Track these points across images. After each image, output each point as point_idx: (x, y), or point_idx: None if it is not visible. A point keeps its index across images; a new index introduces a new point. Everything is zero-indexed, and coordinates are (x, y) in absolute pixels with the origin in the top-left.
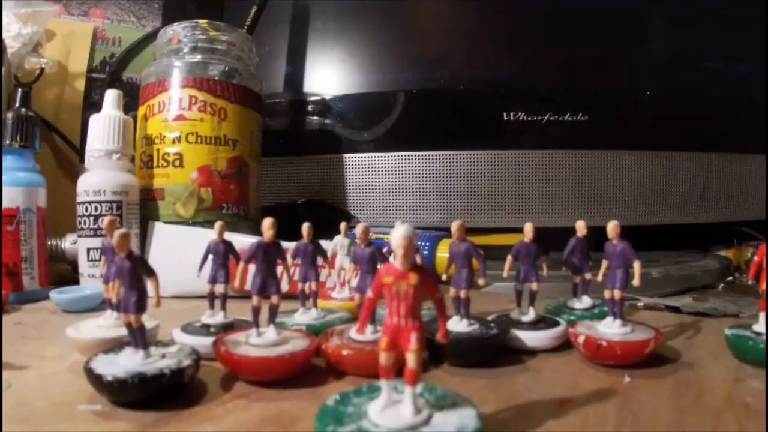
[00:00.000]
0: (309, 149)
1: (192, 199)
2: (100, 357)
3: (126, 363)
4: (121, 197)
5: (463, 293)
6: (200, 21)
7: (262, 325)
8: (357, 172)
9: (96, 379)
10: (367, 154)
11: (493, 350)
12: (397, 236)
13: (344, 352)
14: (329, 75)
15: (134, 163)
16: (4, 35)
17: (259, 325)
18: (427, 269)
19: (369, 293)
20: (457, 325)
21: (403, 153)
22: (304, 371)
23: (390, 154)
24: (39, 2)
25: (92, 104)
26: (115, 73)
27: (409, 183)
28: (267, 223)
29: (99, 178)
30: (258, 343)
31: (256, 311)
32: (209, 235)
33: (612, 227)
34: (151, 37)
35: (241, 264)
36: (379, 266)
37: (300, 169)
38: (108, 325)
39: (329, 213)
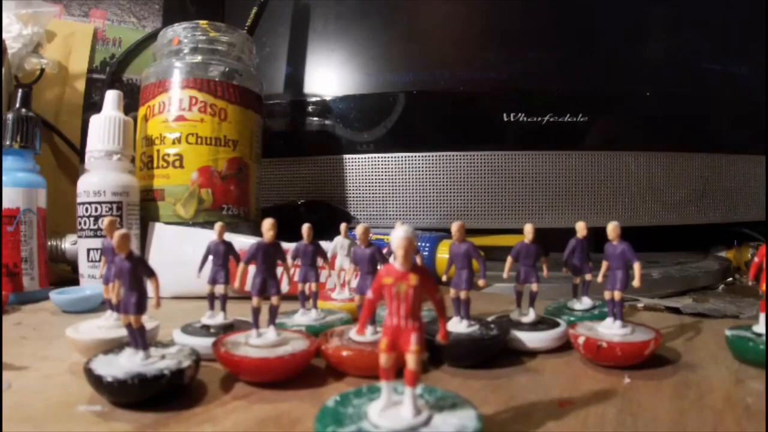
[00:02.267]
0: (309, 150)
1: (192, 199)
2: (100, 358)
3: (126, 364)
4: (121, 198)
5: (463, 294)
6: (201, 22)
7: (262, 326)
8: (357, 173)
9: (96, 380)
10: (367, 155)
11: (493, 351)
12: (397, 237)
13: (344, 353)
14: (329, 76)
15: (134, 163)
16: (5, 36)
17: (259, 326)
18: (427, 270)
19: (369, 294)
20: (457, 326)
21: (403, 154)
22: (304, 372)
23: (390, 155)
24: (39, 3)
25: (92, 105)
26: (116, 74)
27: (409, 184)
28: (267, 223)
29: (99, 178)
30: (258, 344)
31: (256, 312)
32: (209, 235)
33: (612, 228)
34: (151, 37)
35: (241, 265)
36: (379, 267)
37: (300, 169)
38: (108, 325)
39: (329, 214)
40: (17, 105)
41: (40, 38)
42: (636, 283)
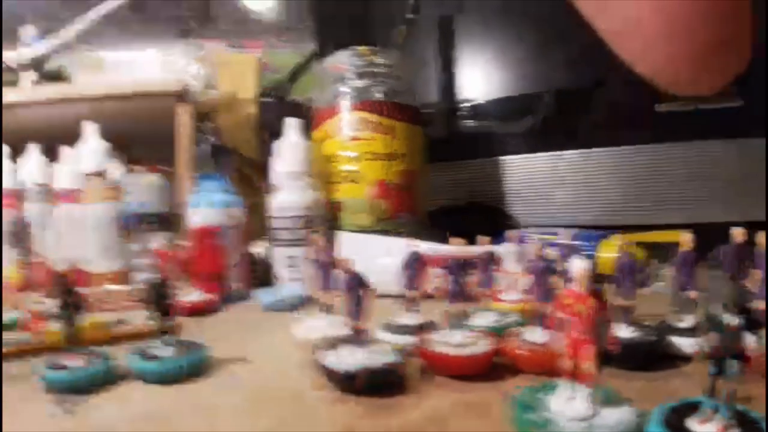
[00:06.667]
0: (465, 154)
1: (370, 210)
2: (327, 353)
3: (352, 358)
4: (309, 212)
5: (627, 302)
6: (359, 48)
7: (452, 328)
8: (515, 173)
9: (329, 372)
10: (523, 156)
11: (653, 355)
12: (577, 267)
13: (521, 352)
14: (480, 79)
15: (317, 180)
16: (185, 77)
17: (449, 327)
18: (600, 293)
19: (553, 311)
20: (622, 331)
21: (564, 152)
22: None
23: (546, 153)
24: (207, 42)
25: (262, 125)
26: (282, 96)
27: (568, 181)
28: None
29: (289, 196)
30: (451, 342)
31: (448, 316)
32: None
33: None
34: (309, 60)
35: (438, 271)
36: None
37: (459, 173)
38: (323, 325)
39: (490, 215)
40: (208, 137)
41: (213, 73)
42: None
